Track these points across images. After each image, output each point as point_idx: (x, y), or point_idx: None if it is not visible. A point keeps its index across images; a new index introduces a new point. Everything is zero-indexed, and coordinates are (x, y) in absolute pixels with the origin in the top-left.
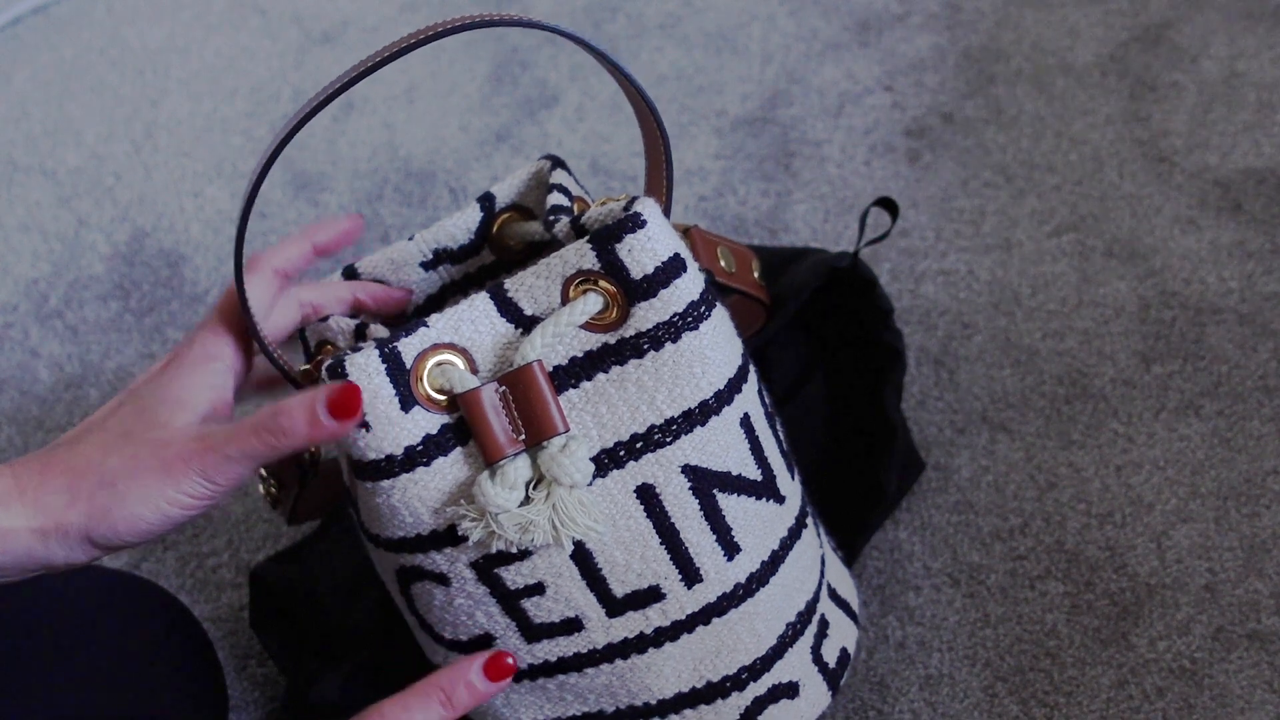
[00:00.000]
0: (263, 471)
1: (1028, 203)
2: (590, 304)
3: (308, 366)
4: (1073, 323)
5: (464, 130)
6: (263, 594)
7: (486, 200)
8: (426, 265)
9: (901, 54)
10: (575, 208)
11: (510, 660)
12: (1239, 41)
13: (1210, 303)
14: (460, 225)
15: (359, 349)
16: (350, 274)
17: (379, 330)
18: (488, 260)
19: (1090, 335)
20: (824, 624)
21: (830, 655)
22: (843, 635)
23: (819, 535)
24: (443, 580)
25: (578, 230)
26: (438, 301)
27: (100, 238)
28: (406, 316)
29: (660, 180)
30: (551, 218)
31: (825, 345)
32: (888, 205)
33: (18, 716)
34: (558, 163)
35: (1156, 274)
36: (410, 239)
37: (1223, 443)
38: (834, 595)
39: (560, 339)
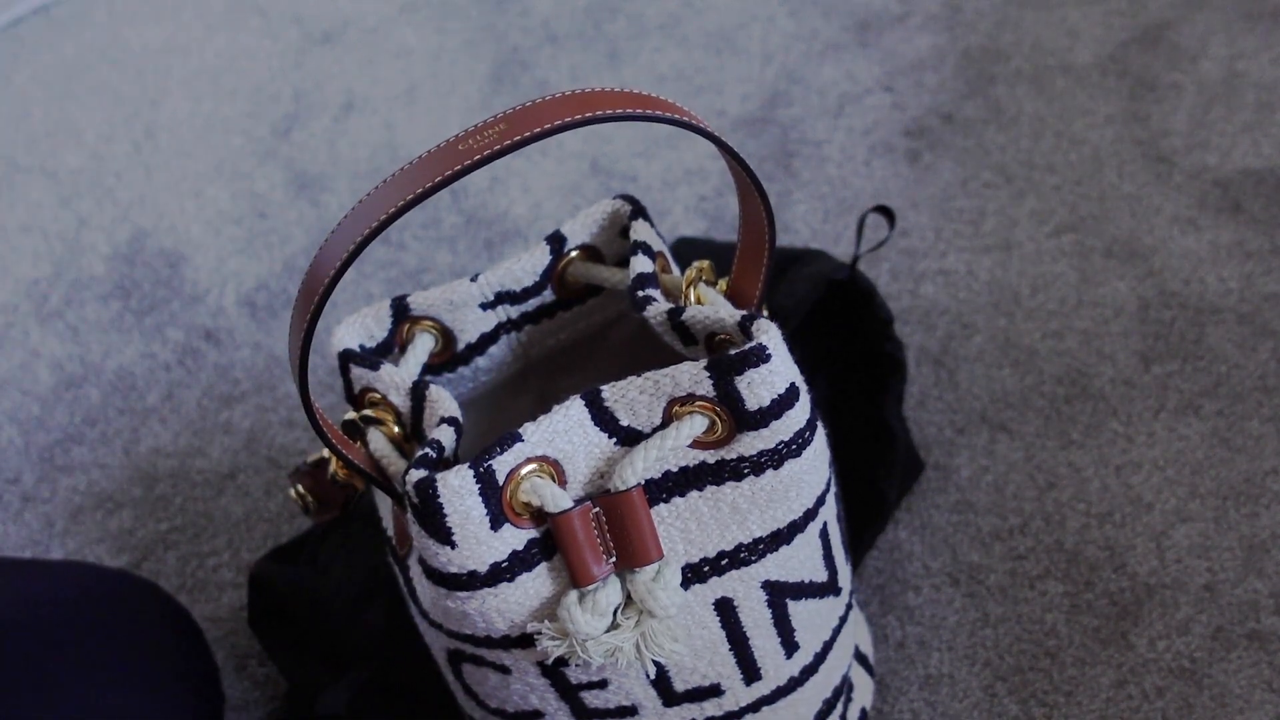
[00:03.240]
0: (299, 487)
1: (1028, 203)
2: (696, 426)
3: (352, 416)
4: (1073, 323)
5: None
6: (262, 593)
7: (556, 241)
8: (486, 306)
9: (901, 54)
10: (657, 266)
11: None
12: (1239, 41)
13: (1210, 303)
14: (527, 268)
15: (435, 442)
16: (401, 308)
17: (439, 397)
18: (548, 299)
19: (1090, 335)
20: (850, 688)
21: (853, 717)
22: (863, 695)
23: (853, 599)
24: (503, 670)
25: (676, 326)
26: (490, 340)
27: (101, 238)
28: (455, 355)
29: (757, 274)
30: (640, 292)
31: (825, 354)
32: (885, 212)
33: (14, 715)
34: (637, 209)
35: (1156, 274)
36: (473, 280)
37: (1222, 443)
38: (857, 653)
39: (661, 461)
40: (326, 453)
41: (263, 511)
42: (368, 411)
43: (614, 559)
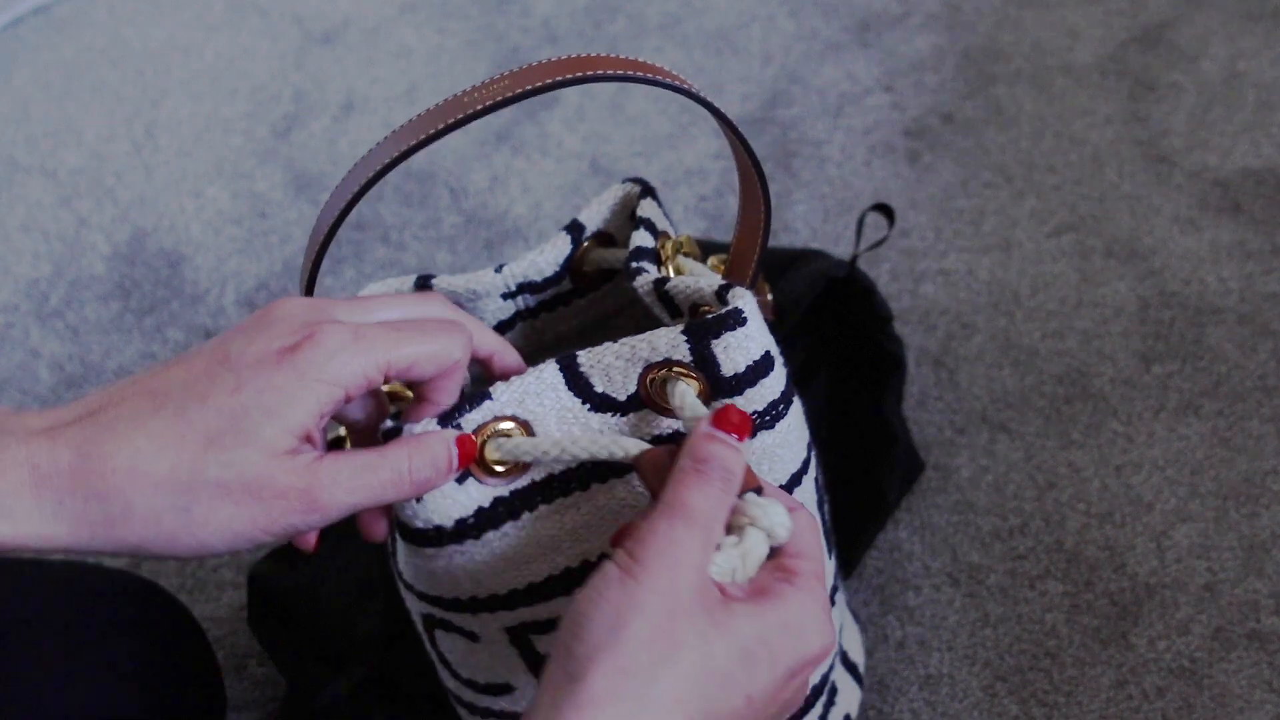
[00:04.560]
0: None
1: (1028, 203)
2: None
3: None
4: (1073, 323)
5: (464, 130)
6: (262, 594)
7: (575, 230)
8: (507, 295)
9: (901, 54)
10: (659, 246)
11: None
12: (1239, 41)
13: (1210, 303)
14: (549, 259)
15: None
16: (424, 287)
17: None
18: (565, 288)
19: (1090, 335)
20: (833, 691)
21: None
22: (848, 701)
23: (841, 601)
24: (472, 637)
25: (661, 296)
26: (507, 326)
27: (100, 238)
28: None
29: (750, 257)
30: (634, 264)
31: (825, 351)
32: (885, 211)
33: (12, 714)
34: (646, 190)
35: (1156, 274)
36: (497, 270)
37: (1222, 443)
38: (844, 659)
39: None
40: (344, 431)
41: None
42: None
43: None
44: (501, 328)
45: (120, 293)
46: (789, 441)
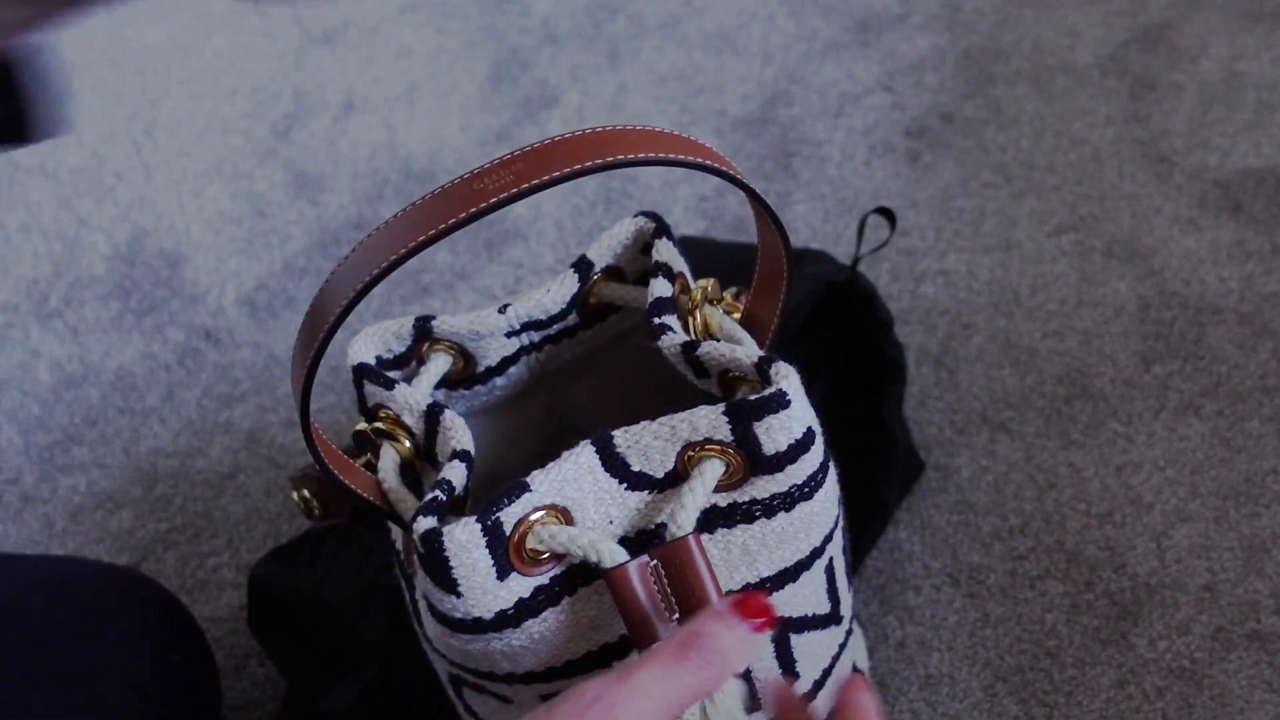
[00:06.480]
0: (305, 492)
1: (1028, 203)
2: (717, 469)
3: (363, 427)
4: (1073, 323)
5: (464, 130)
6: (262, 595)
7: (583, 267)
8: (511, 334)
9: (901, 54)
10: (678, 293)
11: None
12: (1239, 41)
13: (1210, 303)
14: (556, 298)
15: (445, 482)
16: (424, 330)
17: (453, 424)
18: (571, 322)
19: (1090, 335)
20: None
21: None
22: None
23: (853, 623)
24: (505, 699)
25: (690, 361)
26: (510, 362)
27: (100, 238)
28: (474, 375)
29: (775, 303)
30: (656, 320)
31: (825, 355)
32: (886, 214)
33: (12, 710)
34: (661, 228)
35: (1156, 274)
36: (501, 311)
37: (1222, 443)
38: (854, 670)
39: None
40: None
41: (263, 511)
42: (379, 425)
43: (678, 616)
44: (505, 363)
45: (120, 293)
46: (826, 507)
